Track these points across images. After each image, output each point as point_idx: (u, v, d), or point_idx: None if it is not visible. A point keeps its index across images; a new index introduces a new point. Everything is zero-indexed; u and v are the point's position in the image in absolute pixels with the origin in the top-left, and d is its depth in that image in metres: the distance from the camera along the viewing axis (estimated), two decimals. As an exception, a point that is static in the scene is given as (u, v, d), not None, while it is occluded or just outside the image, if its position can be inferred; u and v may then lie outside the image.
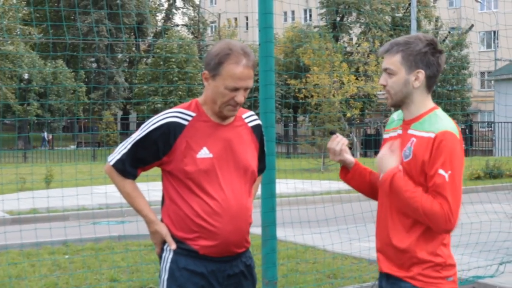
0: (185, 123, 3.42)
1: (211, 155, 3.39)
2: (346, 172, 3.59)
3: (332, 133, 3.59)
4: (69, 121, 48.41)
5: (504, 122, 31.42)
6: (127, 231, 11.04)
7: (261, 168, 3.77)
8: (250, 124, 3.62)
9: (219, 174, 3.39)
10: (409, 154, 3.22)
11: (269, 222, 6.00)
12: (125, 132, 41.34)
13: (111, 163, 3.47)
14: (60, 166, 17.15)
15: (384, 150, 3.31)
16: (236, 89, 3.35)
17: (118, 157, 3.45)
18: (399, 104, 3.33)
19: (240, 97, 3.37)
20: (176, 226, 3.42)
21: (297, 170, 19.47)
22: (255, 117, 3.68)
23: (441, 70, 3.30)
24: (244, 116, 3.62)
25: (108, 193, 9.29)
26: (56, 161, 30.12)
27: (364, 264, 8.86)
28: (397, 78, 3.27)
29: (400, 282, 3.27)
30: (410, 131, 3.27)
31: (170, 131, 3.38)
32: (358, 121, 42.24)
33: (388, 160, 3.26)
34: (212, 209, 3.35)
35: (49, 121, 41.21)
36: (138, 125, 47.19)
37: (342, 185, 17.65)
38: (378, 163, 3.29)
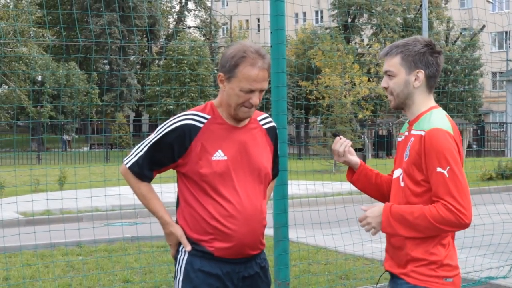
0: (200, 125, 3.43)
1: (226, 158, 3.41)
2: (352, 173, 3.65)
3: (335, 135, 3.63)
4: (82, 123, 48.58)
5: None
6: (140, 232, 11.10)
7: (275, 173, 3.79)
8: (265, 127, 3.64)
9: (234, 176, 3.41)
10: (407, 153, 3.26)
11: (281, 224, 6.03)
12: (138, 134, 41.44)
13: (127, 165, 3.50)
14: (73, 168, 17.24)
15: (370, 212, 3.32)
16: (251, 91, 3.37)
17: (134, 159, 3.48)
18: (402, 106, 3.37)
19: (255, 99, 3.39)
20: (191, 228, 3.45)
21: (309, 172, 19.46)
22: (270, 119, 3.70)
23: (440, 70, 3.35)
24: (259, 118, 3.64)
25: (121, 194, 9.35)
26: (69, 163, 30.27)
27: (376, 265, 8.88)
28: (397, 79, 3.33)
29: (397, 279, 3.31)
30: (412, 131, 3.31)
31: (186, 134, 3.40)
32: (370, 122, 42.19)
33: (375, 217, 3.28)
34: (227, 211, 3.37)
35: (62, 123, 41.34)
36: (151, 127, 47.39)
37: (354, 187, 17.66)
38: (373, 220, 3.30)
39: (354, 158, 3.59)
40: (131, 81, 50.64)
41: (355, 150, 3.79)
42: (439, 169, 3.11)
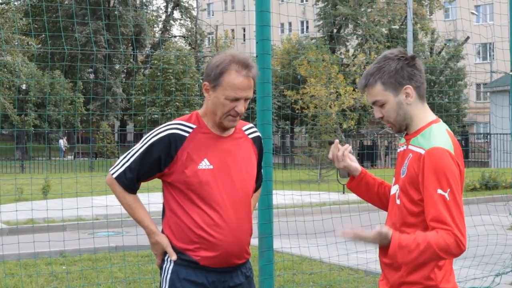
0: (186, 135, 3.45)
1: (211, 167, 3.42)
2: (352, 180, 3.51)
3: (331, 143, 3.57)
4: (66, 131, 48.38)
5: (501, 134, 31.49)
6: (125, 242, 11.05)
7: (259, 183, 3.81)
8: (251, 136, 3.66)
9: (220, 185, 3.42)
10: (405, 170, 3.14)
11: (266, 234, 6.04)
12: (123, 144, 41.32)
13: (114, 176, 3.50)
14: (59, 178, 17.16)
15: (368, 237, 3.08)
16: (236, 100, 3.38)
17: (121, 170, 3.49)
18: (404, 127, 3.24)
19: (241, 107, 3.40)
20: (176, 237, 3.45)
21: (294, 182, 19.47)
22: (255, 129, 3.72)
23: (423, 74, 3.21)
24: (244, 128, 3.66)
25: (107, 205, 9.31)
26: (53, 172, 30.11)
27: (361, 275, 8.90)
28: (389, 106, 3.19)
29: None
30: (409, 147, 3.19)
31: (171, 143, 3.41)
32: (354, 133, 42.29)
33: (379, 239, 3.07)
34: (212, 220, 3.38)
35: (46, 131, 41.18)
36: (136, 136, 47.21)
37: (338, 197, 17.68)
38: (379, 242, 3.09)
39: (354, 164, 3.47)
40: (117, 90, 50.53)
41: (330, 143, 3.70)
42: (439, 191, 2.97)
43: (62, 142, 45.75)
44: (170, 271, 3.46)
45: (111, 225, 13.74)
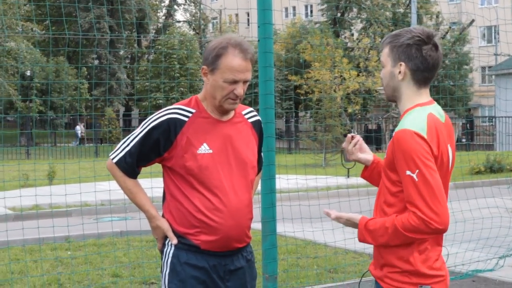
0: (186, 119, 3.45)
1: (211, 151, 3.43)
2: (365, 170, 3.55)
3: (345, 135, 3.59)
4: (71, 117, 48.42)
5: (505, 117, 31.44)
6: (129, 227, 11.10)
7: (260, 166, 3.83)
8: (250, 120, 3.67)
9: (220, 169, 3.43)
10: (386, 151, 3.18)
11: (269, 218, 6.05)
12: (127, 128, 41.33)
13: (114, 160, 3.51)
14: (63, 163, 17.20)
15: (341, 222, 3.27)
16: (235, 82, 3.39)
17: (121, 154, 3.49)
18: (392, 98, 3.27)
19: (239, 89, 3.41)
20: (177, 222, 3.46)
21: (299, 166, 19.50)
22: (255, 113, 3.72)
23: (430, 64, 3.17)
24: (243, 112, 3.66)
25: (110, 189, 9.33)
26: (58, 158, 30.19)
27: (365, 258, 8.92)
28: (385, 70, 3.24)
29: (375, 283, 3.23)
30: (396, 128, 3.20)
31: (171, 128, 3.41)
32: (359, 117, 42.26)
33: (350, 223, 3.23)
34: (213, 204, 3.39)
35: (51, 117, 41.23)
36: (140, 121, 47.06)
37: (342, 180, 17.70)
38: (350, 226, 3.26)
39: (365, 156, 3.50)
40: (121, 75, 50.51)
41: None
42: (408, 172, 2.98)
43: (80, 128, 45.57)
44: (171, 255, 3.47)
45: (115, 210, 13.78)
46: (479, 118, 49.79)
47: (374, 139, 35.37)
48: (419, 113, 3.13)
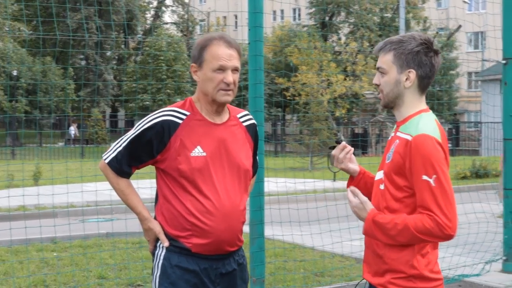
0: (180, 121, 3.45)
1: (204, 154, 3.42)
2: (352, 181, 3.53)
3: (338, 142, 3.58)
4: (57, 118, 48.21)
5: (492, 122, 31.58)
6: (115, 228, 11.06)
7: (254, 170, 3.81)
8: (245, 124, 3.66)
9: (213, 173, 3.42)
10: (390, 156, 3.15)
11: (257, 221, 6.06)
12: (114, 129, 41.20)
13: (106, 161, 3.50)
14: (50, 163, 17.13)
15: (352, 201, 3.22)
16: (222, 69, 3.40)
17: (113, 155, 3.49)
18: (391, 104, 3.25)
19: (229, 77, 3.41)
20: (169, 224, 3.46)
21: (285, 169, 19.50)
22: (250, 116, 3.72)
23: (435, 71, 3.19)
24: (239, 115, 3.65)
25: (98, 190, 9.31)
26: (44, 158, 30.02)
27: (352, 262, 8.94)
28: (388, 78, 3.20)
29: None
30: (398, 133, 3.20)
31: (165, 130, 3.41)
32: (345, 121, 42.33)
33: (359, 209, 3.19)
34: (205, 207, 3.39)
35: (37, 118, 41.05)
36: (127, 123, 47.00)
37: (329, 184, 17.72)
38: (357, 213, 3.22)
39: (353, 166, 3.49)
40: (108, 76, 50.38)
41: (331, 147, 3.64)
42: (424, 177, 3.00)
43: (73, 129, 45.24)
44: (162, 258, 3.47)
45: (101, 211, 13.74)
46: (465, 124, 50.01)
47: (360, 144, 35.44)
48: (429, 119, 3.16)
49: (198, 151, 3.42)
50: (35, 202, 13.32)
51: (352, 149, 3.51)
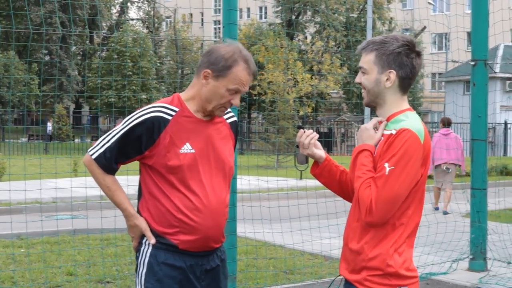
0: (169, 118, 3.42)
1: (193, 151, 3.41)
2: (316, 167, 3.53)
3: (299, 127, 3.57)
4: (20, 113, 47.65)
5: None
6: (81, 225, 10.98)
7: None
8: (229, 121, 3.67)
9: (201, 169, 3.42)
10: (376, 151, 3.18)
11: (229, 218, 6.02)
12: (77, 126, 40.84)
13: (93, 156, 3.45)
14: (13, 158, 16.92)
15: (369, 124, 3.27)
16: (236, 92, 3.43)
17: (101, 151, 3.44)
18: (373, 104, 3.28)
19: (237, 100, 3.46)
20: (156, 221, 3.43)
21: (252, 167, 19.53)
22: (232, 114, 3.73)
23: (416, 72, 3.24)
24: None
25: (57, 187, 9.20)
26: (6, 154, 29.63)
27: (320, 260, 8.99)
28: (369, 77, 3.23)
29: (350, 285, 3.22)
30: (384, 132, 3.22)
31: (155, 126, 3.38)
32: (311, 119, 42.51)
33: (367, 134, 3.23)
34: (193, 204, 3.38)
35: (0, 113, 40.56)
36: (92, 119, 46.49)
37: (294, 183, 17.78)
38: (359, 133, 3.28)
39: (319, 152, 3.48)
40: (72, 72, 49.95)
41: (298, 127, 3.64)
42: (386, 164, 3.03)
43: (50, 125, 44.50)
44: (148, 255, 3.44)
45: (64, 208, 13.61)
46: (428, 124, 50.53)
47: (325, 142, 35.61)
48: (415, 118, 3.19)
49: (187, 148, 3.41)
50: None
51: (317, 135, 3.50)
